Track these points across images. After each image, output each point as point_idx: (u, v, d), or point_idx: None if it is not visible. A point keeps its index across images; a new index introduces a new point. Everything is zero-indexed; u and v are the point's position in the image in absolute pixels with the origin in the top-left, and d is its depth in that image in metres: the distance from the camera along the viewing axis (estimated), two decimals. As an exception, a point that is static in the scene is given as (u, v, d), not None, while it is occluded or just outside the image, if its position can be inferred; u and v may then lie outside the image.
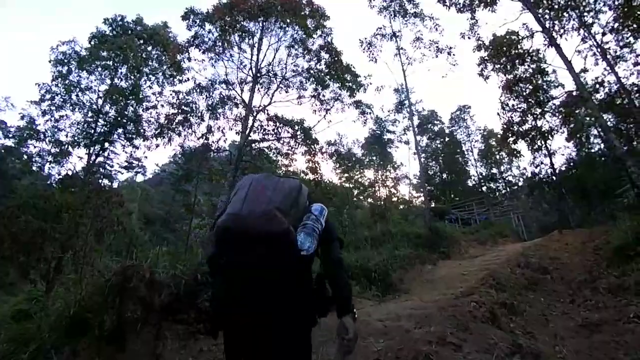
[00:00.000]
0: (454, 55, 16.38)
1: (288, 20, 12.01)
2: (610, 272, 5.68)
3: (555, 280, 6.43)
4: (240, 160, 11.17)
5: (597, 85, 11.32)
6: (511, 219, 22.03)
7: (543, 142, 12.56)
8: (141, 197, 29.20)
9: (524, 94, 10.35)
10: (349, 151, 20.90)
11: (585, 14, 10.76)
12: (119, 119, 13.50)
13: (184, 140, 12.82)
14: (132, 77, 14.33)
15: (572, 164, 16.09)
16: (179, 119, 12.56)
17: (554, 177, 15.62)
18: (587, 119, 13.27)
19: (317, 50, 12.83)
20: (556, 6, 10.75)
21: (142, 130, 14.00)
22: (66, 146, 12.66)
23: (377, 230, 13.69)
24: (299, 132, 11.34)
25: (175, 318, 3.57)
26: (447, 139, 33.44)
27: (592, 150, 15.34)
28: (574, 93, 9.77)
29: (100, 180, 13.39)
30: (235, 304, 1.35)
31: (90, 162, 13.07)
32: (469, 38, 11.03)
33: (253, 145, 12.33)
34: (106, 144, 13.44)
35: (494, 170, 32.32)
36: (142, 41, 15.32)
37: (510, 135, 11.51)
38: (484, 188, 31.61)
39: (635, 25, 10.04)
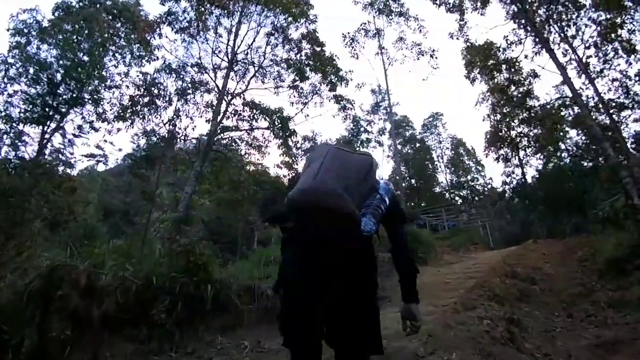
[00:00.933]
0: (436, 58, 16.27)
1: (271, 5, 11.20)
2: (604, 286, 5.43)
3: (544, 291, 6.13)
4: (209, 149, 10.23)
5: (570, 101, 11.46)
6: (478, 227, 22.40)
7: (529, 150, 12.64)
8: (101, 187, 27.12)
9: (513, 100, 10.25)
10: (322, 150, 20.27)
11: (567, 28, 10.80)
12: (78, 96, 12.03)
13: (148, 123, 11.66)
14: (97, 53, 12.88)
15: (540, 175, 16.46)
16: (145, 101, 11.40)
17: (524, 188, 15.94)
18: (561, 133, 13.55)
19: (298, 40, 12.15)
20: (538, 19, 10.76)
21: (102, 112, 12.61)
22: (17, 123, 11.10)
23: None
24: (276, 122, 10.54)
25: (122, 334, 2.73)
26: (417, 144, 33.82)
27: (562, 163, 15.71)
28: (566, 102, 9.78)
29: (58, 167, 11.87)
30: (306, 282, 1.40)
31: (44, 141, 11.52)
32: (457, 39, 10.84)
33: (224, 134, 11.42)
34: (62, 123, 11.93)
35: (462, 179, 33.14)
36: (110, 17, 13.89)
37: (496, 140, 11.45)
38: (452, 195, 32.21)
39: (616, 43, 10.23)
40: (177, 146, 12.71)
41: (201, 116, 11.54)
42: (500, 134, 11.47)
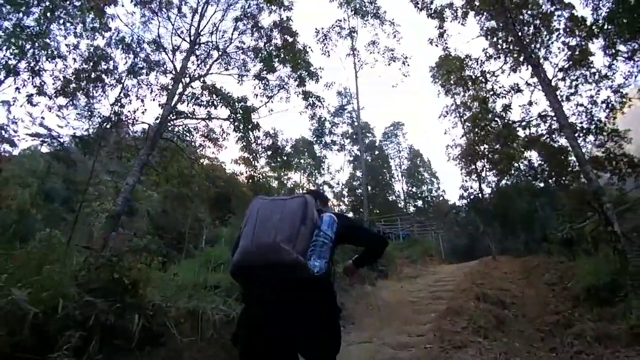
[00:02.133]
0: (408, 65, 16.10)
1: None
2: (583, 315, 5.11)
3: (518, 318, 5.74)
4: (159, 136, 8.94)
5: (539, 119, 11.63)
6: (431, 238, 22.64)
7: (487, 165, 12.65)
8: (42, 170, 24.01)
9: (491, 112, 10.11)
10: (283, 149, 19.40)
11: (537, 50, 10.85)
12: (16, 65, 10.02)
13: (92, 102, 10.05)
14: (45, 20, 10.87)
15: (496, 191, 16.84)
16: (90, 77, 9.82)
17: (481, 202, 16.17)
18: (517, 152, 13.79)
19: (269, 28, 11.18)
20: (510, 39, 10.75)
21: (42, 84, 10.66)
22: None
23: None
24: (238, 112, 9.46)
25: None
26: (377, 152, 33.99)
27: (517, 181, 16.15)
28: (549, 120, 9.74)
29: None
30: (259, 331, 1.47)
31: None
32: (436, 45, 10.53)
33: (177, 121, 10.12)
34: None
35: (416, 189, 33.81)
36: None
37: (470, 153, 11.31)
38: (407, 204, 32.68)
39: (584, 69, 10.46)
40: (124, 131, 11.20)
41: (154, 99, 10.21)
42: (476, 147, 11.37)
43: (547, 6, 10.85)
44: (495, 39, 11.00)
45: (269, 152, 11.80)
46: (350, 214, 32.91)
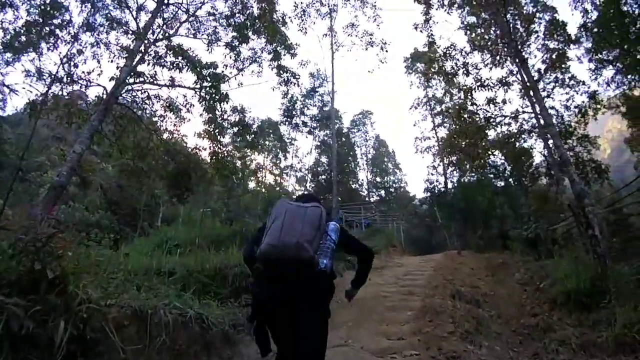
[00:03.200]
0: (386, 51, 15.62)
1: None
2: (562, 320, 4.96)
3: (493, 318, 5.53)
4: (114, 100, 7.81)
5: (510, 119, 11.65)
6: (392, 228, 22.78)
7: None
8: None
9: (476, 105, 9.87)
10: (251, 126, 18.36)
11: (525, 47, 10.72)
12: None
13: (42, 59, 8.60)
14: None
15: (461, 185, 17.09)
16: (42, 31, 8.34)
17: (445, 196, 16.35)
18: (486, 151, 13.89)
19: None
20: (486, 37, 10.54)
21: None
22: None
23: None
24: (207, 79, 8.44)
25: None
26: (344, 139, 33.61)
27: (483, 178, 16.43)
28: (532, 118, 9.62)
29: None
30: (277, 303, 1.89)
31: None
32: (421, 32, 10.08)
33: (136, 86, 8.93)
34: None
35: (380, 179, 34.02)
36: None
37: (449, 145, 11.11)
38: (370, 193, 32.80)
39: (559, 73, 10.50)
40: (76, 94, 9.84)
41: (112, 61, 8.90)
42: (456, 140, 11.18)
43: (529, 7, 10.78)
44: (482, 30, 10.68)
45: (236, 129, 10.88)
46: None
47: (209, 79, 8.56)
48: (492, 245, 14.46)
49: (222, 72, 9.18)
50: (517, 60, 7.99)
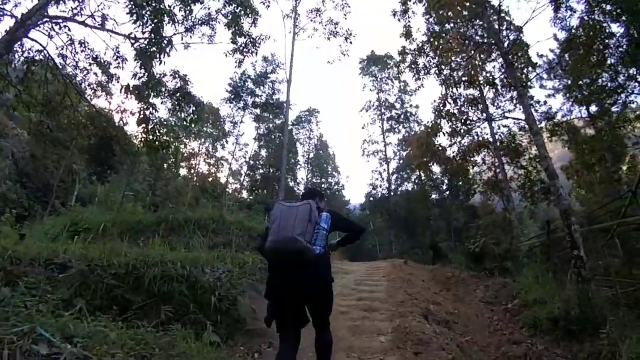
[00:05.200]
0: (350, 43, 14.89)
1: None
2: (549, 349, 4.43)
3: (469, 343, 4.86)
4: (24, 33, 5.87)
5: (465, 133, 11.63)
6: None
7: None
8: None
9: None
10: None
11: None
12: None
13: None
14: None
15: (404, 194, 17.07)
16: None
17: (387, 202, 16.12)
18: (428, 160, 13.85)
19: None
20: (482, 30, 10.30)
21: None
22: None
23: (205, 214, 10.21)
24: (148, 21, 6.67)
25: None
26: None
27: (426, 188, 16.55)
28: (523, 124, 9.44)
29: None
30: (283, 282, 2.38)
31: None
32: (399, 20, 9.44)
33: (55, 24, 6.93)
34: None
35: (317, 180, 33.36)
36: None
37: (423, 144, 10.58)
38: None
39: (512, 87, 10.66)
40: None
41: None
42: (431, 141, 10.75)
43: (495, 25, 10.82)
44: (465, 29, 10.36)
45: (176, 97, 9.14)
46: (244, 194, 30.80)
47: (152, 19, 6.78)
48: (427, 255, 14.53)
49: (171, 8, 7.43)
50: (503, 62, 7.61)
